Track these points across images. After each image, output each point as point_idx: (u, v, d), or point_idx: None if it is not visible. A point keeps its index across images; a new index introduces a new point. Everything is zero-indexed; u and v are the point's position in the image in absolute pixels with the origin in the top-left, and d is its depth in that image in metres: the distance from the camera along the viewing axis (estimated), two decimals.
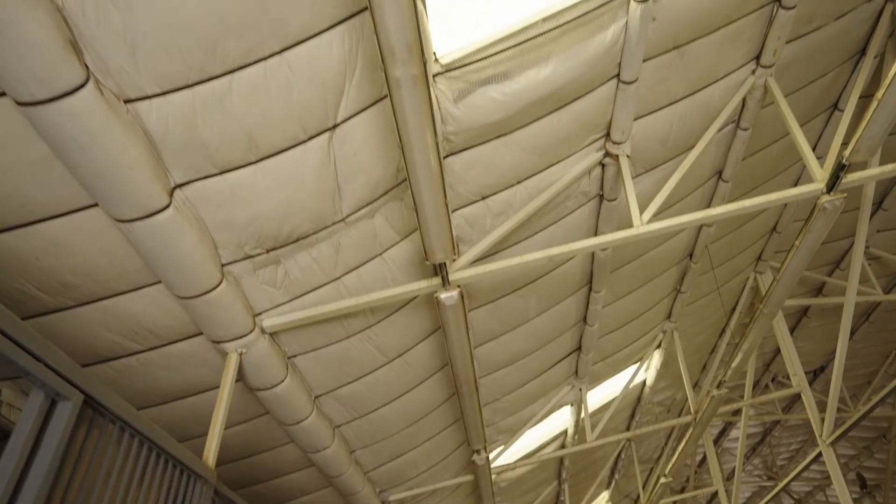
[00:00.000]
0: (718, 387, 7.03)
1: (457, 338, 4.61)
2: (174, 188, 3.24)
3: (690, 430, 7.92)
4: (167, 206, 3.17)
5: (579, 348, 7.68)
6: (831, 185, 4.47)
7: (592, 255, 6.20)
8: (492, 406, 7.42)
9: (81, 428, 2.71)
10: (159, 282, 3.70)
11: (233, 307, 3.92)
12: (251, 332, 4.16)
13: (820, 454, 7.53)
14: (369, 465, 6.87)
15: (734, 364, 6.40)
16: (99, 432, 2.82)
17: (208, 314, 3.86)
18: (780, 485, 8.19)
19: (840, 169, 4.39)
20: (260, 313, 4.27)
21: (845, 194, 4.49)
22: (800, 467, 7.75)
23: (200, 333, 4.17)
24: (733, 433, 15.92)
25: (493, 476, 8.81)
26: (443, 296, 4.24)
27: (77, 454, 2.67)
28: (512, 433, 8.15)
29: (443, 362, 6.03)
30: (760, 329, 5.89)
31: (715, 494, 18.63)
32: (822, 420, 8.11)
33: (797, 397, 14.46)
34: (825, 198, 4.49)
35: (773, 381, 12.96)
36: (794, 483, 18.31)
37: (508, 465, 8.05)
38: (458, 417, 7.04)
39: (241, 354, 4.21)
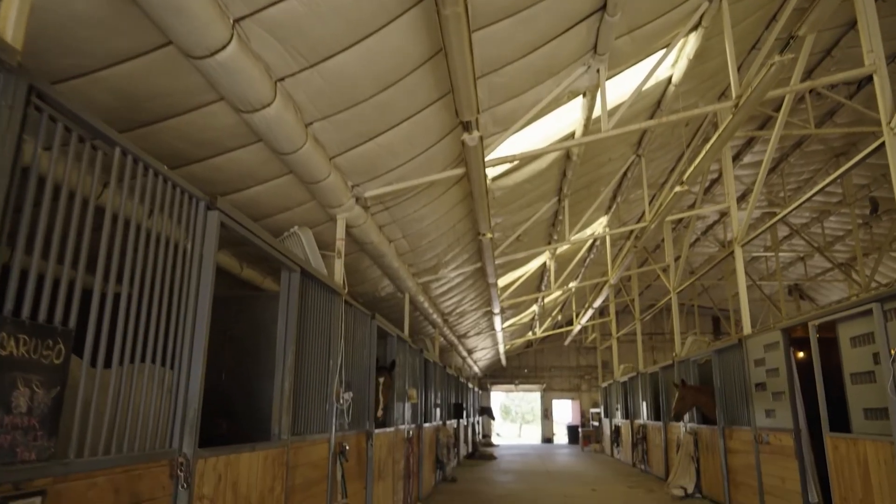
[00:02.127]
0: (782, 52, 5.41)
1: None
2: None
3: (730, 118, 6.51)
4: None
5: (604, 6, 5.88)
6: None
7: None
8: (488, 80, 5.87)
9: None
10: None
11: None
12: None
13: (882, 144, 6.23)
14: (335, 147, 5.56)
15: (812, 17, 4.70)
16: None
17: None
18: (826, 182, 7.03)
19: None
20: None
21: None
22: (861, 155, 6.47)
23: None
24: (746, 158, 14.82)
25: (489, 182, 7.67)
26: None
27: None
28: (511, 123, 6.76)
29: None
30: None
31: (719, 218, 18.33)
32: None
33: (829, 115, 13.02)
34: None
35: (810, 92, 11.34)
36: (794, 214, 17.87)
37: (505, 157, 6.79)
38: (447, 91, 5.53)
39: None
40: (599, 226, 14.85)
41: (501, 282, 13.88)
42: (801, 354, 8.85)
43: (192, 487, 3.19)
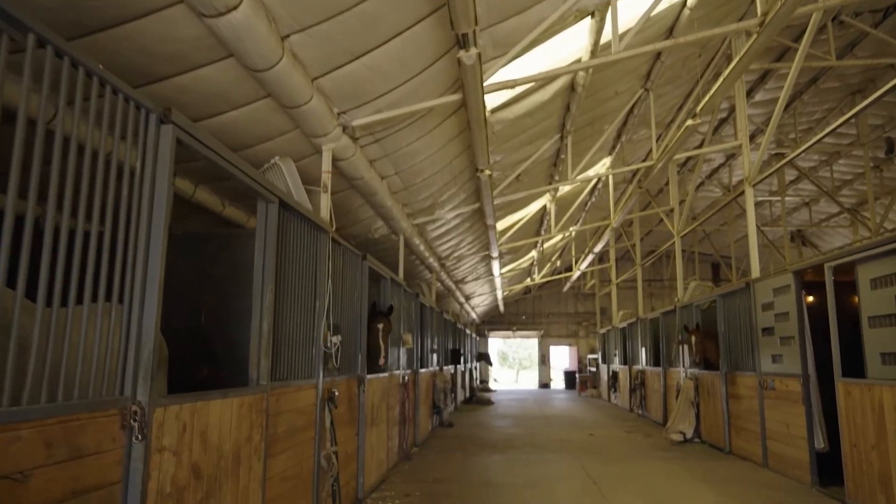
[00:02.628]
0: None
1: None
2: None
3: (754, 37, 5.91)
4: None
5: None
6: None
7: None
8: None
9: None
10: None
11: None
12: None
13: None
14: (317, 67, 4.99)
15: None
16: None
17: None
18: (843, 118, 6.51)
19: None
20: None
21: None
22: (882, 90, 5.92)
23: None
24: (758, 96, 14.14)
25: (487, 114, 7.10)
26: None
27: None
28: (512, 46, 6.15)
29: None
30: None
31: (725, 161, 17.73)
32: None
33: (849, 48, 12.26)
34: None
35: (833, 20, 10.63)
36: (803, 157, 17.27)
37: (506, 82, 6.21)
38: (442, 3, 4.93)
39: None
40: (602, 167, 14.29)
41: (500, 225, 13.43)
42: (810, 299, 8.50)
43: (150, 439, 2.80)
